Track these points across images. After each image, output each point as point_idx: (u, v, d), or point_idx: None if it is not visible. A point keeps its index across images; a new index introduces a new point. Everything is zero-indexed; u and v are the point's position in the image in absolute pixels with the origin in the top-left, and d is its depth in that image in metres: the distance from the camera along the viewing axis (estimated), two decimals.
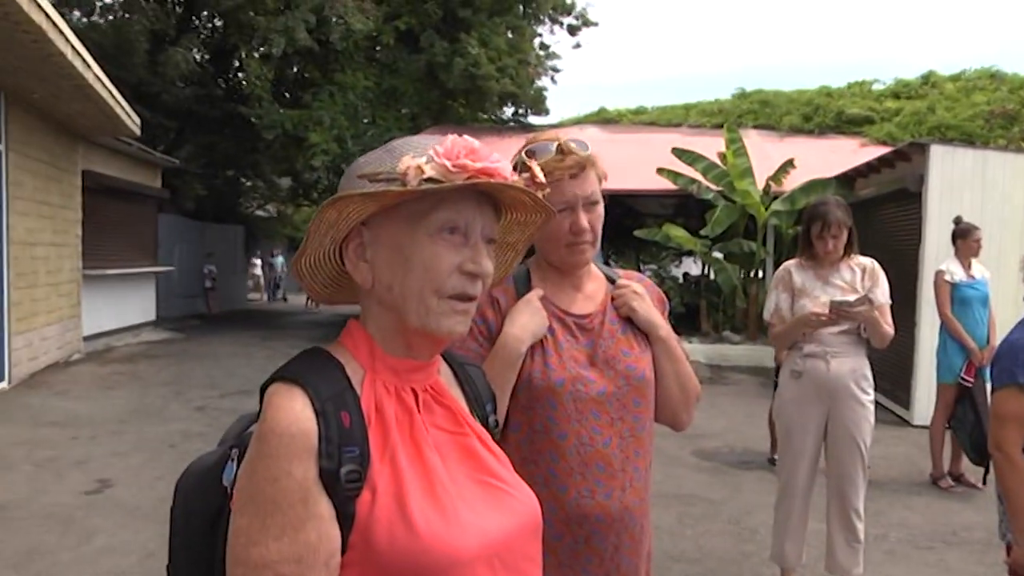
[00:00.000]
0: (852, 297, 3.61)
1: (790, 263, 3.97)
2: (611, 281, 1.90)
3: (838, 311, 3.58)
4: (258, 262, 27.68)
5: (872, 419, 3.83)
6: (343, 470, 0.97)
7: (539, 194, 1.12)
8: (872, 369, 3.86)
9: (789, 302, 3.86)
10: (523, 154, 1.65)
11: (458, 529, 1.00)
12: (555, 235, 1.74)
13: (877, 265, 3.84)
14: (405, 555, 0.96)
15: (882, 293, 3.73)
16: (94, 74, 8.76)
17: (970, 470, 5.94)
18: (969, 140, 14.63)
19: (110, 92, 9.63)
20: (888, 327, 3.66)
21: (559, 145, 1.72)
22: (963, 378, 5.68)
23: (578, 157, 1.72)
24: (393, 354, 1.11)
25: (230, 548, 0.97)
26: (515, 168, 1.10)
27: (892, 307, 3.80)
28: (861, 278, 3.77)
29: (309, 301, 22.09)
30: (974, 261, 5.95)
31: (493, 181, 1.03)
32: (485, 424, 1.23)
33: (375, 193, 1.01)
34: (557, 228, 1.72)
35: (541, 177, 1.14)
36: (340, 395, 1.02)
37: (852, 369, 3.76)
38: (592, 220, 1.76)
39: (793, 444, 3.89)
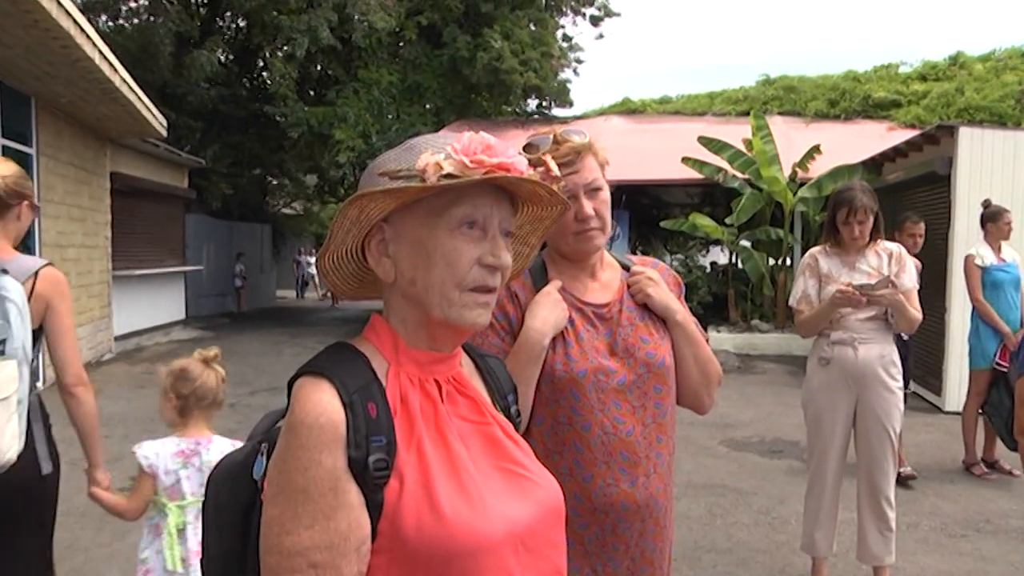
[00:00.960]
0: (875, 280, 3.59)
1: (816, 249, 3.94)
2: (625, 268, 1.90)
3: (862, 294, 3.56)
4: (310, 259, 26.44)
5: (901, 405, 3.81)
6: (371, 459, 1.00)
7: (554, 187, 1.13)
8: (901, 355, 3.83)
9: (817, 288, 3.83)
10: (522, 149, 1.65)
11: (484, 516, 1.02)
12: (562, 225, 1.74)
13: (904, 250, 3.80)
14: (432, 541, 0.99)
15: (908, 278, 3.70)
16: (121, 77, 8.87)
17: (1005, 456, 5.87)
18: (1000, 121, 14.41)
19: (136, 95, 9.73)
20: (915, 312, 3.64)
21: (554, 135, 1.74)
22: (998, 363, 5.60)
23: (573, 144, 1.74)
24: (416, 347, 1.13)
25: (263, 538, 1.00)
26: (530, 163, 1.12)
27: (921, 292, 3.76)
28: (887, 264, 3.73)
29: (334, 299, 22.20)
30: (1004, 244, 5.88)
31: (509, 175, 1.05)
32: (507, 415, 1.25)
33: (395, 190, 1.04)
34: (563, 218, 1.73)
35: (556, 170, 1.16)
36: (366, 387, 1.05)
37: (880, 355, 3.73)
38: (597, 206, 1.76)
39: (822, 432, 3.86)
